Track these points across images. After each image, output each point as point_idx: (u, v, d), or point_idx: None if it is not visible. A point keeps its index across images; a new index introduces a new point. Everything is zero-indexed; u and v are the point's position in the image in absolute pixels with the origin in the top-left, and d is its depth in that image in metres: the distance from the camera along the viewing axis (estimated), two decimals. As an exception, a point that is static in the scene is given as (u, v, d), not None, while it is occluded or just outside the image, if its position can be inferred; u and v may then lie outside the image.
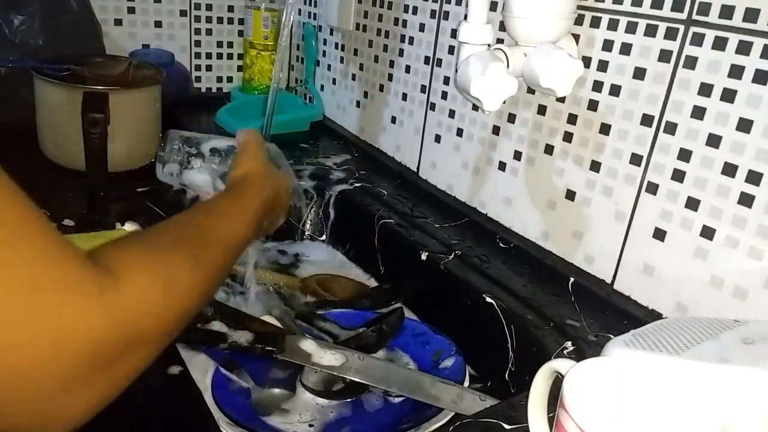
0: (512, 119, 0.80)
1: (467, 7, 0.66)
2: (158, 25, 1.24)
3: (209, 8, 1.28)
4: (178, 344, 0.61)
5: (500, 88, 0.63)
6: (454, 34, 0.88)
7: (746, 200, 0.58)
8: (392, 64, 1.02)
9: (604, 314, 0.67)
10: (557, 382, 0.42)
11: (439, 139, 0.94)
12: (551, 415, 0.43)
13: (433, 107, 0.95)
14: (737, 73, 0.57)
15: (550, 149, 0.76)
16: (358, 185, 0.96)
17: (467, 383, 0.64)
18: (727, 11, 0.57)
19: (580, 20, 0.70)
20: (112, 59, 1.02)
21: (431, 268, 0.77)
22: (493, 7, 0.77)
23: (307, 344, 0.62)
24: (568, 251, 0.75)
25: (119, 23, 1.20)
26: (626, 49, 0.66)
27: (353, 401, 0.62)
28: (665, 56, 0.63)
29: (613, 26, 0.67)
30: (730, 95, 0.58)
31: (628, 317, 0.66)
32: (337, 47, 1.18)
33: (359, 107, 1.13)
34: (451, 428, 0.49)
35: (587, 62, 0.70)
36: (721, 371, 0.43)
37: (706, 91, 0.60)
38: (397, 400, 0.63)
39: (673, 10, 0.62)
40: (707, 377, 0.43)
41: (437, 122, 0.94)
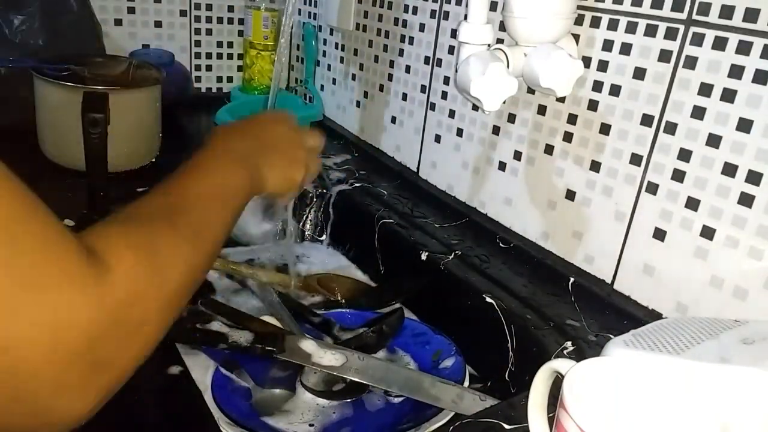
0: (512, 119, 0.80)
1: (467, 7, 0.66)
2: (158, 25, 1.24)
3: (209, 8, 1.28)
4: (178, 344, 0.61)
5: (500, 88, 0.63)
6: (454, 34, 0.88)
7: (746, 200, 0.58)
8: (392, 64, 1.02)
9: (604, 314, 0.67)
10: (557, 382, 0.42)
11: (439, 139, 0.94)
12: (551, 415, 0.43)
13: (433, 107, 0.94)
14: (737, 73, 0.57)
15: (550, 149, 0.76)
16: (358, 185, 0.96)
17: (467, 383, 0.64)
18: (727, 11, 0.57)
19: (580, 20, 0.70)
20: (112, 59, 1.02)
21: (431, 268, 0.77)
22: (493, 7, 0.77)
23: (307, 344, 0.62)
24: (568, 251, 0.75)
25: (119, 23, 1.20)
26: (626, 49, 0.66)
27: (353, 401, 0.62)
28: (665, 56, 0.63)
29: (613, 26, 0.67)
30: (730, 95, 0.58)
31: (628, 317, 0.66)
32: (337, 47, 1.18)
33: (359, 107, 1.13)
34: (451, 428, 0.49)
35: (587, 62, 0.70)
36: (721, 371, 0.43)
37: (706, 91, 0.60)
38: (397, 400, 0.63)
39: (673, 10, 0.62)
40: (707, 377, 0.43)
41: (437, 122, 0.94)
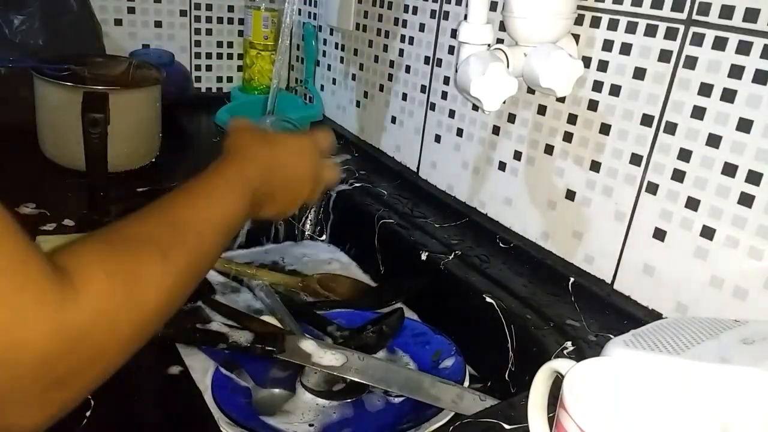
0: (512, 119, 0.80)
1: (467, 7, 0.66)
2: (158, 25, 1.24)
3: (209, 8, 1.28)
4: (178, 344, 0.61)
5: (500, 88, 0.63)
6: (454, 34, 0.88)
7: (746, 200, 0.58)
8: (392, 64, 1.02)
9: (604, 314, 0.67)
10: (557, 382, 0.42)
11: (439, 139, 0.94)
12: (551, 415, 0.43)
13: (433, 107, 0.94)
14: (737, 73, 0.57)
15: (550, 149, 0.76)
16: (358, 185, 0.96)
17: (467, 383, 0.64)
18: (727, 11, 0.57)
19: (580, 20, 0.70)
20: (112, 59, 1.02)
21: (431, 268, 0.77)
22: (493, 7, 0.77)
23: (307, 344, 0.62)
24: (568, 251, 0.75)
25: (119, 23, 1.20)
26: (626, 49, 0.66)
27: (353, 401, 0.62)
28: (665, 56, 0.63)
29: (613, 26, 0.67)
30: (730, 95, 0.58)
31: (628, 317, 0.66)
32: (337, 47, 1.18)
33: (359, 107, 1.13)
34: (451, 428, 0.49)
35: (587, 62, 0.70)
36: (721, 371, 0.43)
37: (706, 91, 0.60)
38: (397, 400, 0.63)
39: (673, 10, 0.62)
40: (707, 377, 0.43)
41: (437, 122, 0.94)
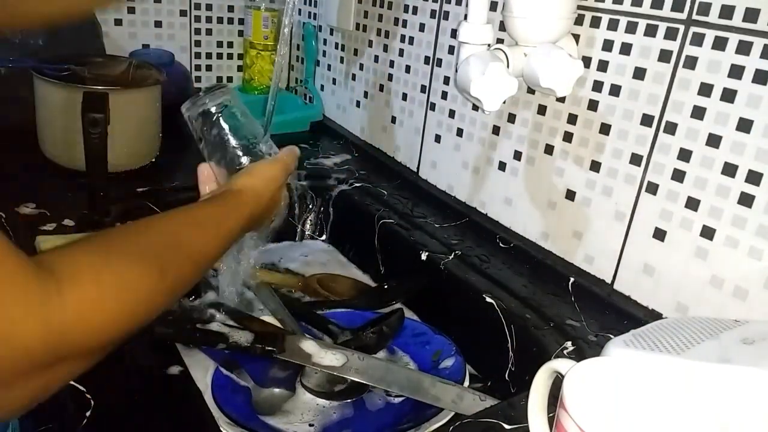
0: (512, 119, 0.80)
1: (467, 7, 0.66)
2: (158, 25, 1.24)
3: (209, 8, 1.28)
4: (178, 344, 0.61)
5: (500, 88, 0.63)
6: (454, 34, 0.88)
7: (746, 200, 0.58)
8: (392, 64, 1.02)
9: (604, 314, 0.67)
10: (557, 382, 0.42)
11: (439, 139, 0.94)
12: (551, 415, 0.43)
13: (433, 107, 0.94)
14: (737, 73, 0.57)
15: (550, 149, 0.76)
16: (358, 185, 0.96)
17: (467, 383, 0.64)
18: (727, 11, 0.57)
19: (580, 20, 0.70)
20: (112, 59, 1.02)
21: (431, 268, 0.77)
22: (493, 7, 0.77)
23: (307, 344, 0.62)
24: (568, 251, 0.75)
25: (119, 23, 1.20)
26: (626, 49, 0.66)
27: (353, 401, 0.62)
28: (665, 56, 0.63)
29: (613, 26, 0.67)
30: (730, 95, 0.58)
31: (628, 317, 0.66)
32: (337, 47, 1.18)
33: (359, 107, 1.13)
34: (451, 428, 0.49)
35: (587, 62, 0.70)
36: (721, 371, 0.43)
37: (706, 91, 0.60)
38: (397, 400, 0.63)
39: (673, 10, 0.62)
40: (707, 377, 0.43)
41: (437, 122, 0.94)
